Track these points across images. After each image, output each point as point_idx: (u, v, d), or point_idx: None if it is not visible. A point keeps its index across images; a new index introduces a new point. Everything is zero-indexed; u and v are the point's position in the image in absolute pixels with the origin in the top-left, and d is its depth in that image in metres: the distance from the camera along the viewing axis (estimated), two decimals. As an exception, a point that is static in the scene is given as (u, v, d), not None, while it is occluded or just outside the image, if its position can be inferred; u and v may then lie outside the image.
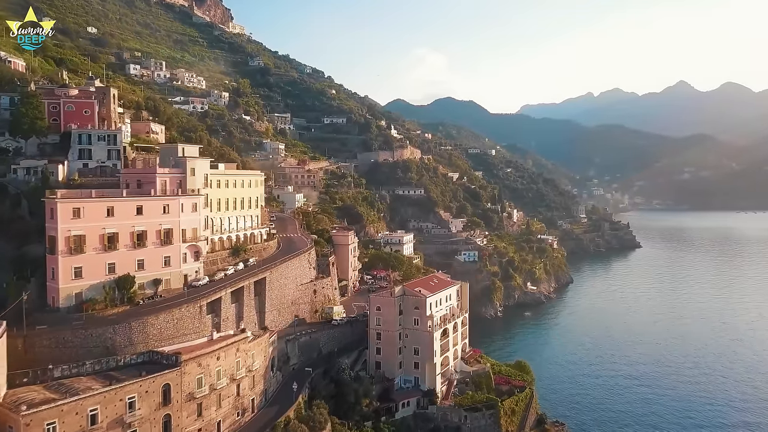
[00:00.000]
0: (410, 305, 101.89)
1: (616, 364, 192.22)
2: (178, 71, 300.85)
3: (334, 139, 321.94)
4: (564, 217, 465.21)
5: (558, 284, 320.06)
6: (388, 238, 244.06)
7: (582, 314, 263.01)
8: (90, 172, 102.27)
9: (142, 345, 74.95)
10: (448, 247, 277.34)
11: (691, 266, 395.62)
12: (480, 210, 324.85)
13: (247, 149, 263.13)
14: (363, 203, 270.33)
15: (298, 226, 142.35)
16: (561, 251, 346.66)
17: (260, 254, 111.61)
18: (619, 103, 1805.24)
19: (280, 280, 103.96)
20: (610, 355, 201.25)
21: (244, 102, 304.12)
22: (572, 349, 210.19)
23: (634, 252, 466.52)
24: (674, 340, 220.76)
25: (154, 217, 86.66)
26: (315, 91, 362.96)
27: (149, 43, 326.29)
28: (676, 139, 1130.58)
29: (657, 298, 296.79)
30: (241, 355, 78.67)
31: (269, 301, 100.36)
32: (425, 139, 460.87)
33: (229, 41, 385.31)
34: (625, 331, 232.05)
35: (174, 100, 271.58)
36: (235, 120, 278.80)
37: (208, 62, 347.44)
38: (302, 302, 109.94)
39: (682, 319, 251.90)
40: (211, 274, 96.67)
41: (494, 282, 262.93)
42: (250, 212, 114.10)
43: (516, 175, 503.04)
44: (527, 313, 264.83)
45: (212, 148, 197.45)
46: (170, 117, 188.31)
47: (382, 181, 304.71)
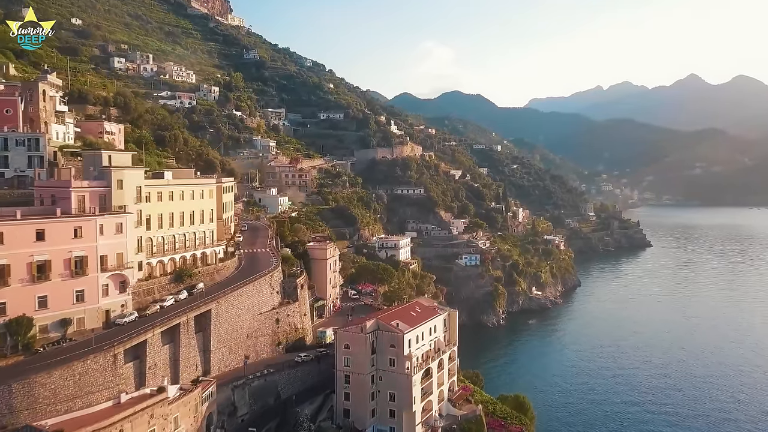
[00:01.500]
0: (385, 342, 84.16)
1: (626, 384, 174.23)
2: (166, 65, 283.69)
3: (331, 136, 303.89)
4: (572, 215, 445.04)
5: (565, 288, 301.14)
6: (384, 243, 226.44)
7: (590, 322, 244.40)
8: (6, 183, 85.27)
9: (28, 412, 57.88)
10: (448, 251, 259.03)
11: (704, 267, 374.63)
12: (483, 210, 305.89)
13: (235, 147, 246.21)
14: (358, 204, 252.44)
15: (271, 237, 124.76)
16: (568, 252, 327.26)
17: (212, 278, 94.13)
18: (628, 96, 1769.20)
19: (232, 310, 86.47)
20: (621, 373, 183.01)
21: (236, 97, 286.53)
22: (578, 365, 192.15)
23: (644, 252, 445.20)
24: (690, 352, 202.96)
25: (62, 242, 69.18)
26: (312, 85, 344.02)
27: (138, 35, 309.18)
28: (687, 133, 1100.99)
29: (669, 303, 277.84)
30: (157, 422, 61.23)
31: (216, 338, 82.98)
32: (428, 135, 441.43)
33: (224, 33, 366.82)
34: (636, 343, 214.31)
35: (160, 95, 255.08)
36: (224, 116, 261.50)
37: (201, 55, 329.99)
38: (261, 334, 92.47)
39: (697, 327, 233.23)
40: (144, 307, 79.31)
41: (497, 288, 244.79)
42: (202, 228, 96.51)
43: (522, 171, 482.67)
44: (532, 321, 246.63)
45: (189, 148, 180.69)
46: (142, 114, 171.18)
47: (379, 180, 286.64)
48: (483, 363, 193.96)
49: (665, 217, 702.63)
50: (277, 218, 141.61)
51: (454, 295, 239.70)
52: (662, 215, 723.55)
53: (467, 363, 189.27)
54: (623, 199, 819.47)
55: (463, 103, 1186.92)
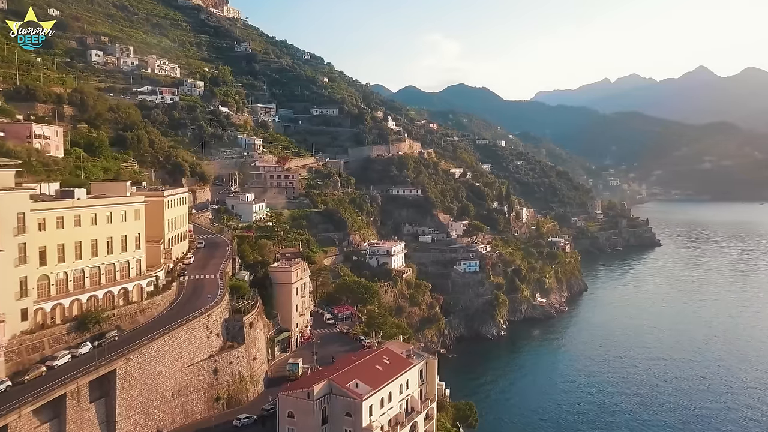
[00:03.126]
0: (339, 410, 65.37)
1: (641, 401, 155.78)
2: (148, 58, 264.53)
3: (323, 133, 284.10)
4: (578, 213, 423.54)
5: (571, 293, 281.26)
6: (375, 249, 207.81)
7: (597, 332, 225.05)
8: None
9: None
10: (446, 256, 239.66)
11: (717, 268, 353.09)
12: (484, 211, 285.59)
13: (218, 146, 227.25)
14: (350, 206, 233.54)
15: (228, 258, 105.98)
16: (574, 255, 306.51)
17: (134, 319, 75.43)
18: (636, 89, 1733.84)
19: (151, 365, 67.86)
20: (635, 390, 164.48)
21: (222, 92, 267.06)
22: (587, 381, 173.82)
23: (653, 251, 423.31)
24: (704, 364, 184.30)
25: None
26: (305, 79, 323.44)
27: (122, 27, 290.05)
28: (696, 126, 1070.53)
29: (683, 308, 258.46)
30: None
31: (125, 404, 64.41)
32: (429, 130, 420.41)
33: (215, 25, 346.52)
34: (649, 353, 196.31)
35: (140, 90, 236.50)
36: (208, 112, 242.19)
37: (189, 48, 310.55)
38: (193, 390, 73.80)
39: (713, 337, 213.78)
40: (25, 369, 60.87)
41: (498, 296, 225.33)
42: (124, 257, 77.77)
43: (527, 168, 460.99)
44: (535, 332, 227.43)
45: (156, 150, 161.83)
46: (101, 113, 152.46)
47: (374, 179, 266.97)
48: (481, 382, 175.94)
49: (674, 213, 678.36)
50: (241, 233, 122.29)
51: (451, 304, 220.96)
52: (671, 211, 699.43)
53: (463, 382, 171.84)
54: (631, 194, 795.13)
55: (469, 96, 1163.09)
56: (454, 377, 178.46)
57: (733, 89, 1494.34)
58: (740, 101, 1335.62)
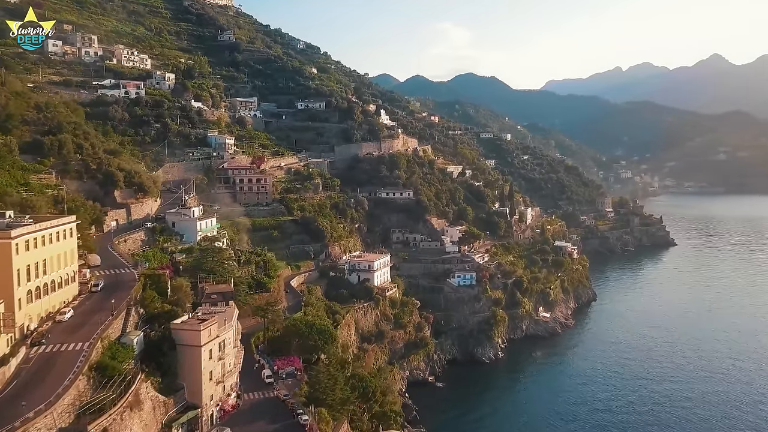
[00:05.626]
0: None
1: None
2: (115, 48, 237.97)
3: (308, 129, 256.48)
4: (587, 211, 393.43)
5: (578, 303, 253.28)
6: (355, 264, 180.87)
7: (607, 349, 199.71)
8: None
9: None
10: (438, 267, 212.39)
11: (736, 269, 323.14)
12: (484, 214, 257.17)
13: (184, 146, 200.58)
14: (331, 212, 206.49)
15: (125, 308, 79.29)
16: (582, 261, 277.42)
17: None
18: (648, 78, 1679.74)
19: None
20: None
21: (196, 85, 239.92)
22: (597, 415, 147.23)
23: (667, 251, 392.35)
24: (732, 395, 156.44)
25: None
26: (291, 70, 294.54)
27: (91, 15, 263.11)
28: (711, 116, 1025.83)
29: (702, 316, 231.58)
30: None
31: None
32: (429, 124, 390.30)
33: (198, 12, 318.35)
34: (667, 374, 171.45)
35: (101, 84, 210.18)
36: (177, 108, 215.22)
37: (167, 37, 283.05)
38: None
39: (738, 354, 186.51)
40: None
41: (496, 312, 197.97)
42: None
43: (533, 162, 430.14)
44: (537, 353, 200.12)
45: (85, 155, 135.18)
46: (12, 114, 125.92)
47: (362, 180, 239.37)
48: (471, 418, 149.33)
49: (688, 207, 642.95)
50: (150, 270, 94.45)
51: (443, 323, 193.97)
52: (685, 204, 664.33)
53: (452, 420, 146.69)
54: (643, 187, 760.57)
55: (477, 85, 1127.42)
56: (441, 413, 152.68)
57: (749, 77, 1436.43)
58: (756, 90, 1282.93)
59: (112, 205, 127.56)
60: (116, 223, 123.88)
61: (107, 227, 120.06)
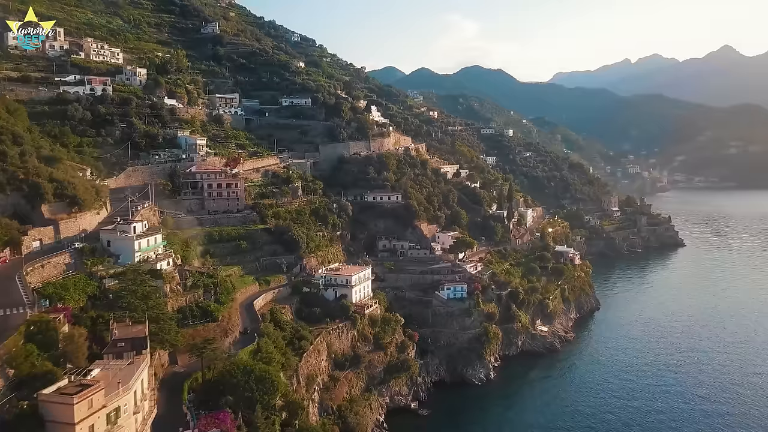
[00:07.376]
0: None
1: None
2: (83, 41, 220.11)
3: (292, 127, 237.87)
4: (592, 210, 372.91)
5: (580, 314, 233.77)
6: (331, 278, 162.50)
7: (611, 367, 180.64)
8: None
9: None
10: (427, 278, 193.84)
11: (750, 273, 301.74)
12: (479, 218, 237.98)
13: (150, 147, 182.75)
14: (310, 219, 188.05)
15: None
16: (585, 267, 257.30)
17: None
18: (658, 70, 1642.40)
19: None
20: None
21: (172, 81, 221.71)
22: None
23: (676, 253, 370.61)
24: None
25: None
26: (276, 64, 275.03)
27: (63, 6, 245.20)
28: (721, 109, 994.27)
29: (710, 328, 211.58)
30: None
31: None
32: (427, 120, 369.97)
33: (182, 3, 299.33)
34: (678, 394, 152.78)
35: (64, 80, 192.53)
36: (147, 105, 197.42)
37: (145, 29, 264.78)
38: None
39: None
40: None
41: (488, 329, 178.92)
42: None
43: (537, 160, 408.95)
44: (532, 372, 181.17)
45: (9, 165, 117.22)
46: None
47: (347, 183, 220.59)
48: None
49: (698, 203, 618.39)
50: (39, 315, 76.23)
51: (429, 341, 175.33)
52: (695, 200, 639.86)
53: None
54: (651, 182, 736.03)
55: (483, 78, 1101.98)
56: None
57: (761, 69, 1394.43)
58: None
59: (39, 222, 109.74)
60: (40, 243, 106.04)
61: (27, 249, 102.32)
